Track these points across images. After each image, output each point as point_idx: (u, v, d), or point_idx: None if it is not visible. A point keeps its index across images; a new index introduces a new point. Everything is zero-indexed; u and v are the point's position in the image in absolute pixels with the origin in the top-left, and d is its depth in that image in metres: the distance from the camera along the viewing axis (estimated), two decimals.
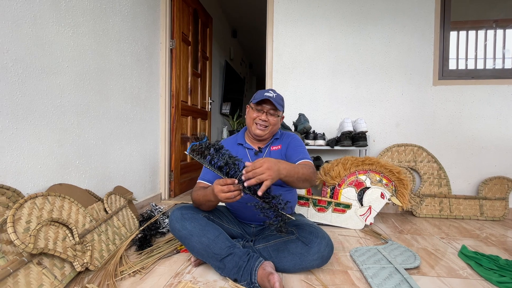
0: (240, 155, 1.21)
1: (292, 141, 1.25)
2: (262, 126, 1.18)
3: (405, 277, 1.00)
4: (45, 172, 1.18)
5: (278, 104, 1.15)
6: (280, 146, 1.25)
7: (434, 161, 2.03)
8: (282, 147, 1.25)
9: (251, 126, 1.20)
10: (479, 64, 2.13)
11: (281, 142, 1.26)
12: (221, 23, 4.03)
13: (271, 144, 1.26)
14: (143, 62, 1.93)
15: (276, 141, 1.27)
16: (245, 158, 1.22)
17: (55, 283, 0.89)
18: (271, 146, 1.26)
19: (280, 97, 1.20)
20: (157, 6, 2.12)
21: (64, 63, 1.27)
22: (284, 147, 1.24)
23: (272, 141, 1.26)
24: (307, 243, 1.02)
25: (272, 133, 1.23)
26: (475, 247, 1.37)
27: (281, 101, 1.19)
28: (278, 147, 1.25)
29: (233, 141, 1.30)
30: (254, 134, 1.20)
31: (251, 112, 1.19)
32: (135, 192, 1.83)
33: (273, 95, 1.16)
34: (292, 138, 1.27)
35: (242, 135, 1.29)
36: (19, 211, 0.91)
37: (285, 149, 1.24)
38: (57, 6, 1.23)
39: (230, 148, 1.24)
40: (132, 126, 1.82)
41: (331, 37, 2.17)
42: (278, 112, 1.17)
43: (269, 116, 1.16)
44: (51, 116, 1.20)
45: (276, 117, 1.18)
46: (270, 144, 1.26)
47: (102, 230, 1.23)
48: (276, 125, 1.20)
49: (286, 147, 1.24)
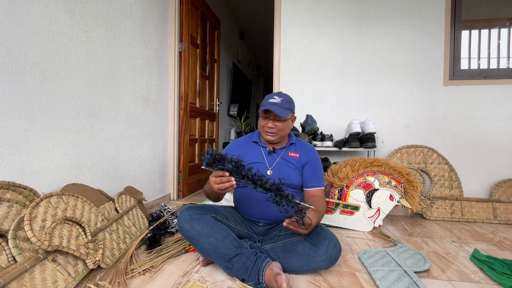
0: (254, 152, 1.24)
1: (312, 158, 1.25)
2: (270, 133, 1.19)
3: (415, 280, 0.98)
4: (60, 172, 1.22)
5: (282, 110, 1.13)
6: (299, 154, 1.25)
7: (445, 162, 1.99)
8: (301, 157, 1.24)
9: (262, 132, 1.23)
10: (492, 64, 2.08)
11: (300, 151, 1.26)
12: (229, 25, 4.07)
13: (288, 149, 1.26)
14: (153, 65, 1.97)
15: (293, 146, 1.27)
16: (259, 155, 1.24)
17: (69, 280, 0.92)
18: (288, 150, 1.25)
19: (286, 100, 1.17)
20: (166, 10, 2.16)
21: (78, 67, 1.31)
22: (304, 158, 1.24)
23: (288, 145, 1.27)
24: (315, 244, 1.02)
25: (283, 136, 1.23)
26: (488, 251, 1.34)
27: (287, 104, 1.16)
28: (297, 155, 1.24)
29: (247, 139, 1.32)
30: (266, 140, 1.23)
31: (260, 119, 1.21)
32: (145, 193, 1.87)
33: (278, 100, 1.15)
34: (314, 154, 1.26)
35: (258, 134, 1.30)
36: (35, 209, 0.95)
37: (304, 161, 1.23)
38: (72, 12, 1.27)
39: (244, 145, 1.28)
40: (142, 128, 1.85)
41: (338, 38, 2.16)
42: (284, 117, 1.15)
43: (276, 122, 1.16)
44: (65, 118, 1.24)
45: (283, 122, 1.17)
46: (286, 147, 1.26)
47: (113, 229, 1.26)
48: (285, 129, 1.20)
49: (306, 161, 1.23)
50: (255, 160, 1.22)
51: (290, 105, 1.18)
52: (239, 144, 1.30)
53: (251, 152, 1.25)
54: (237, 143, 1.31)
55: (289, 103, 1.18)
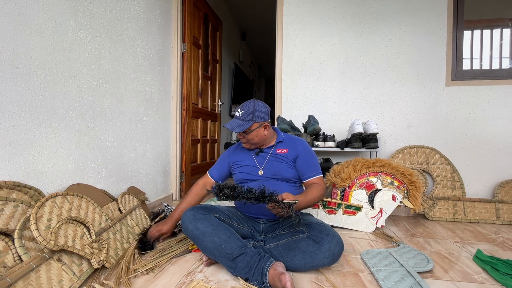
0: (245, 156, 1.33)
1: (302, 151, 1.27)
2: (244, 142, 1.28)
3: (418, 280, 0.98)
4: (64, 172, 1.23)
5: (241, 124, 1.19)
6: (286, 150, 1.28)
7: (448, 163, 1.99)
8: (289, 151, 1.28)
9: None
10: (494, 64, 2.08)
11: (287, 146, 1.29)
12: (231, 26, 4.08)
13: (276, 147, 1.30)
14: (155, 65, 1.98)
15: (280, 144, 1.31)
16: (249, 158, 1.31)
17: (74, 279, 0.92)
18: (276, 148, 1.29)
19: (248, 112, 1.19)
20: (169, 11, 2.17)
21: (82, 68, 1.32)
22: (293, 153, 1.27)
23: (276, 144, 1.31)
24: (318, 241, 1.03)
25: (258, 143, 1.26)
26: (491, 251, 1.34)
27: (248, 116, 1.18)
28: (285, 151, 1.28)
29: (238, 145, 1.40)
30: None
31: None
32: (148, 193, 1.88)
33: (239, 114, 1.21)
34: (303, 147, 1.29)
35: None
36: (41, 209, 0.96)
37: (294, 155, 1.27)
38: (76, 13, 1.28)
39: (236, 151, 1.37)
40: (145, 128, 1.86)
41: (341, 39, 2.16)
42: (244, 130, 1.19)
43: (243, 134, 1.23)
44: (69, 119, 1.25)
45: (249, 133, 1.22)
46: (274, 146, 1.30)
47: (117, 229, 1.27)
48: (257, 136, 1.23)
49: (296, 155, 1.27)
50: (246, 163, 1.29)
51: (253, 116, 1.19)
52: (232, 151, 1.39)
53: (242, 157, 1.32)
54: (231, 150, 1.41)
55: (251, 114, 1.19)
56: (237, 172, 1.32)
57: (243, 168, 1.30)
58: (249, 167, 1.28)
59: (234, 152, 1.37)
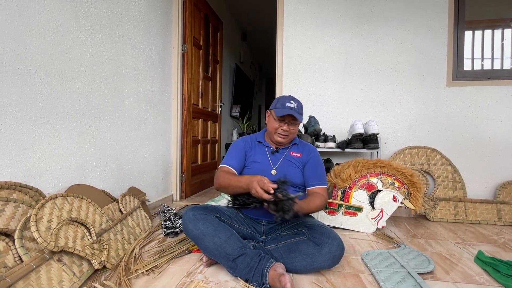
0: (259, 151, 1.29)
1: (313, 158, 1.30)
2: (283, 135, 1.24)
3: (419, 281, 0.98)
4: (65, 173, 1.23)
5: (299, 115, 1.20)
6: (300, 154, 1.30)
7: (449, 164, 1.98)
8: (303, 156, 1.29)
9: (272, 134, 1.26)
10: (495, 64, 2.07)
11: (301, 151, 1.31)
12: (231, 26, 4.08)
13: (290, 149, 1.31)
14: (156, 66, 1.98)
15: (295, 147, 1.32)
16: (263, 155, 1.29)
17: (74, 280, 0.92)
18: (290, 150, 1.30)
19: (300, 106, 1.25)
20: (169, 11, 2.18)
21: (83, 69, 1.32)
22: (305, 157, 1.29)
23: (291, 146, 1.32)
24: (318, 243, 1.02)
25: (292, 139, 1.30)
26: (492, 252, 1.33)
27: (301, 109, 1.25)
28: (298, 155, 1.29)
29: (253, 138, 1.35)
30: (276, 141, 1.28)
31: (273, 121, 1.24)
32: (148, 193, 1.88)
33: (294, 105, 1.21)
34: (315, 154, 1.31)
35: (262, 134, 1.36)
36: (41, 210, 0.96)
37: (305, 160, 1.29)
38: (77, 14, 1.29)
39: (251, 146, 1.32)
40: (146, 129, 1.87)
41: (341, 39, 2.16)
42: (298, 121, 1.23)
43: (290, 126, 1.22)
44: (70, 119, 1.26)
45: (296, 126, 1.24)
46: (289, 148, 1.31)
47: (118, 229, 1.27)
48: (295, 133, 1.27)
49: (307, 160, 1.29)
50: (259, 160, 1.26)
51: (302, 111, 1.26)
52: (246, 141, 1.33)
53: (256, 152, 1.29)
54: (245, 139, 1.34)
55: (301, 109, 1.26)
56: (250, 167, 1.26)
57: (257, 165, 1.25)
58: (262, 165, 1.25)
59: (249, 145, 1.31)
